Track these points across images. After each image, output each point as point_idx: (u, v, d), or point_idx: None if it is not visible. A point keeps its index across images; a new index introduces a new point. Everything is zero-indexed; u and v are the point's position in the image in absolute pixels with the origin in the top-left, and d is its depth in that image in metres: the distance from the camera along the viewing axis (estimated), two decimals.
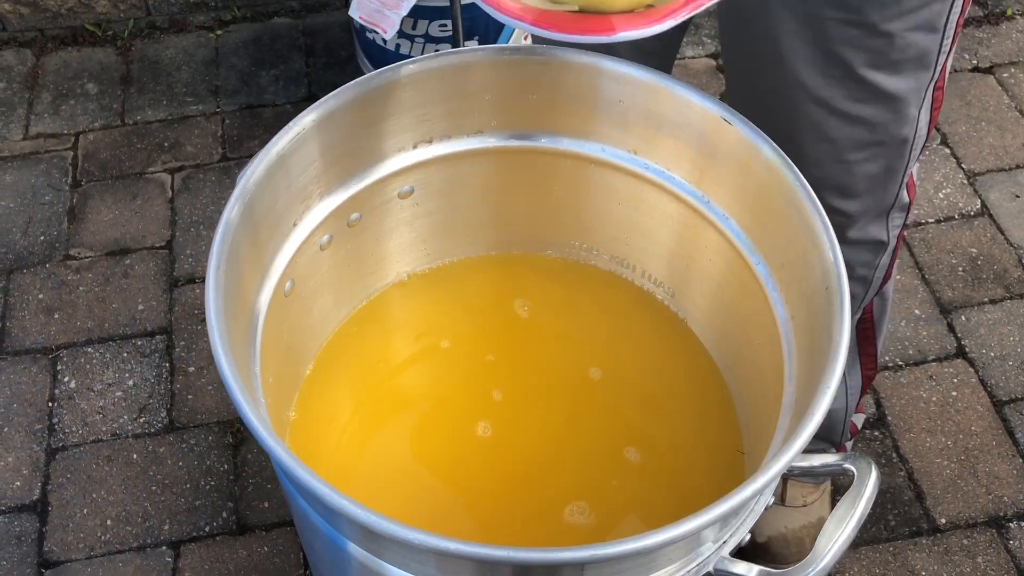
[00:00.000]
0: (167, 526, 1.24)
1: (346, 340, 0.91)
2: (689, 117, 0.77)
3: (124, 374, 1.37)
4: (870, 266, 0.98)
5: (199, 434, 1.32)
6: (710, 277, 0.86)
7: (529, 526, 0.84)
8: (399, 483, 0.83)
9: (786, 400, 0.72)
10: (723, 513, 0.58)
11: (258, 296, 0.75)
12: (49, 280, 1.47)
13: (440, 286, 0.95)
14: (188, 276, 1.47)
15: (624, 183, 0.86)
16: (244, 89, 1.72)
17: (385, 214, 0.87)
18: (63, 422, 1.32)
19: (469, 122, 0.84)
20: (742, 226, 0.80)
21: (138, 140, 1.65)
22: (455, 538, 0.55)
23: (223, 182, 1.59)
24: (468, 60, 0.79)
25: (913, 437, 1.33)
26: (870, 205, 0.92)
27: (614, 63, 0.78)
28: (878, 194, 0.91)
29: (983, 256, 1.51)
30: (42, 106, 1.70)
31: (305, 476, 0.57)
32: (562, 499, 0.84)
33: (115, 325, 1.42)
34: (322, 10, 1.84)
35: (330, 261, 0.85)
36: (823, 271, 0.68)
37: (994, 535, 1.25)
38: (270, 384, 0.76)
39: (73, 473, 1.28)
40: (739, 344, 0.86)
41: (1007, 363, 1.39)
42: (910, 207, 0.97)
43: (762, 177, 0.74)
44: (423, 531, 0.55)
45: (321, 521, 0.66)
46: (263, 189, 0.72)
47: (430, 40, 1.46)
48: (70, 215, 1.55)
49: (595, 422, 0.89)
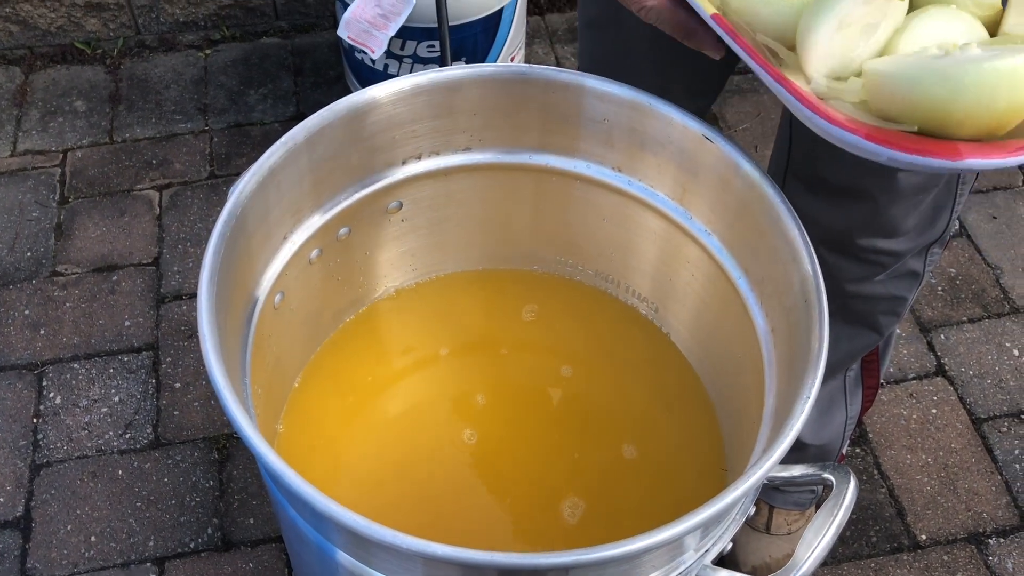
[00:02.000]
0: (152, 542, 1.24)
1: (334, 353, 0.92)
2: (671, 135, 0.79)
3: (110, 390, 1.37)
4: (904, 301, 0.97)
5: (185, 450, 1.32)
6: (693, 292, 0.88)
7: (515, 535, 0.85)
8: (387, 494, 0.84)
9: (767, 411, 0.73)
10: (704, 519, 0.59)
11: (249, 308, 0.76)
12: (36, 296, 1.47)
13: (428, 301, 0.96)
14: (175, 293, 1.48)
15: (608, 199, 0.88)
16: (232, 108, 1.74)
17: (374, 229, 0.88)
18: (48, 438, 1.32)
19: (457, 139, 0.85)
20: (724, 241, 0.81)
21: (126, 157, 1.66)
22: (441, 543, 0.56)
23: (211, 200, 1.60)
24: (456, 78, 0.81)
25: (894, 454, 1.34)
26: (918, 242, 0.91)
27: (597, 82, 0.80)
28: (926, 231, 0.90)
29: (962, 276, 1.54)
30: (30, 123, 1.70)
31: (294, 481, 0.58)
32: (546, 509, 0.85)
33: (101, 341, 1.42)
34: (311, 30, 1.87)
35: (320, 275, 0.86)
36: (802, 284, 0.70)
37: (974, 551, 1.26)
38: (259, 396, 0.77)
39: (57, 489, 1.28)
40: (722, 358, 0.87)
41: (985, 381, 1.41)
42: (949, 241, 0.97)
43: (743, 193, 0.76)
44: (410, 536, 0.56)
45: (309, 529, 0.67)
46: (255, 202, 0.73)
47: (418, 60, 1.48)
48: (57, 231, 1.55)
49: (580, 437, 0.90)
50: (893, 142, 0.53)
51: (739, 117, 1.78)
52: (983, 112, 0.53)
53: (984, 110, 0.53)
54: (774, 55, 0.62)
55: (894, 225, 0.87)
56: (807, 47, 0.60)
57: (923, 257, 0.94)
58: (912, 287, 0.96)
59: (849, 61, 0.61)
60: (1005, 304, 1.50)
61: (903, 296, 0.96)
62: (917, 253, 0.93)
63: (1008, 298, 1.51)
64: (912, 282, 0.95)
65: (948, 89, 0.53)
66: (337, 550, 0.66)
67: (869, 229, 0.88)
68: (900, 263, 0.92)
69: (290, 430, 0.87)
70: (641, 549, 0.58)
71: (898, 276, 0.94)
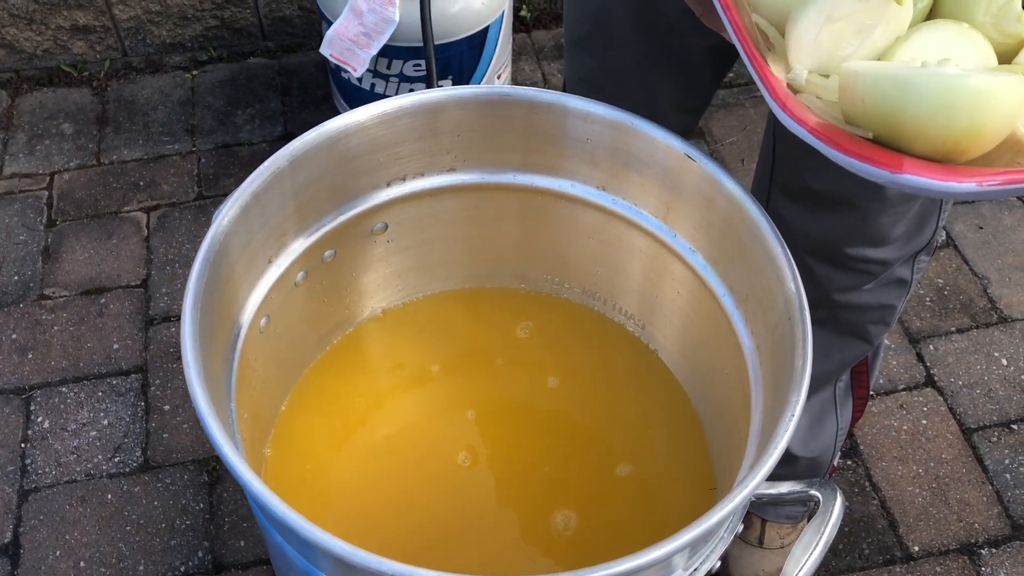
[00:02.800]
0: (142, 567, 1.23)
1: (321, 375, 0.91)
2: (654, 154, 0.80)
3: (99, 413, 1.37)
4: (893, 309, 0.97)
5: (174, 473, 1.31)
6: (679, 309, 0.88)
7: (505, 556, 0.84)
8: (376, 517, 0.84)
9: (753, 428, 0.73)
10: (692, 539, 0.59)
11: (234, 332, 0.76)
12: (23, 320, 1.46)
13: (415, 320, 0.96)
14: (163, 315, 1.48)
15: (593, 218, 0.88)
16: (220, 128, 1.74)
17: (360, 250, 0.88)
18: (36, 463, 1.32)
19: (441, 160, 0.85)
20: (708, 259, 0.81)
21: (114, 179, 1.66)
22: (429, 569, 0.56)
23: (199, 220, 1.60)
24: (440, 99, 0.81)
25: (885, 466, 1.35)
26: (906, 250, 0.91)
27: (580, 102, 0.80)
28: (913, 239, 0.90)
29: (949, 286, 1.54)
30: (17, 146, 1.70)
31: (280, 509, 0.58)
32: (536, 528, 0.84)
33: (90, 364, 1.41)
34: (297, 50, 1.87)
35: (305, 297, 0.86)
36: (786, 301, 0.70)
37: (966, 562, 1.26)
38: (246, 420, 0.77)
39: (46, 515, 1.27)
40: (709, 375, 0.87)
41: (975, 391, 1.42)
42: (936, 248, 0.97)
43: (726, 211, 0.76)
44: (397, 563, 0.56)
45: (296, 556, 0.67)
46: (239, 227, 0.73)
47: (404, 79, 1.49)
48: (44, 255, 1.55)
49: (568, 454, 0.90)
50: (838, 142, 0.51)
51: (725, 131, 1.78)
52: (938, 128, 0.49)
53: (938, 126, 0.49)
54: (765, 38, 0.60)
55: (882, 234, 0.87)
56: (791, 35, 0.58)
57: (911, 265, 0.95)
58: (901, 295, 0.96)
59: (837, 59, 0.58)
60: (993, 314, 1.51)
61: (892, 304, 0.96)
62: (905, 261, 0.93)
63: (996, 308, 1.51)
64: (900, 290, 0.95)
65: (901, 95, 0.50)
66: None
67: (857, 238, 0.88)
68: (888, 271, 0.92)
69: (278, 454, 0.86)
70: (630, 570, 0.58)
71: (886, 284, 0.95)
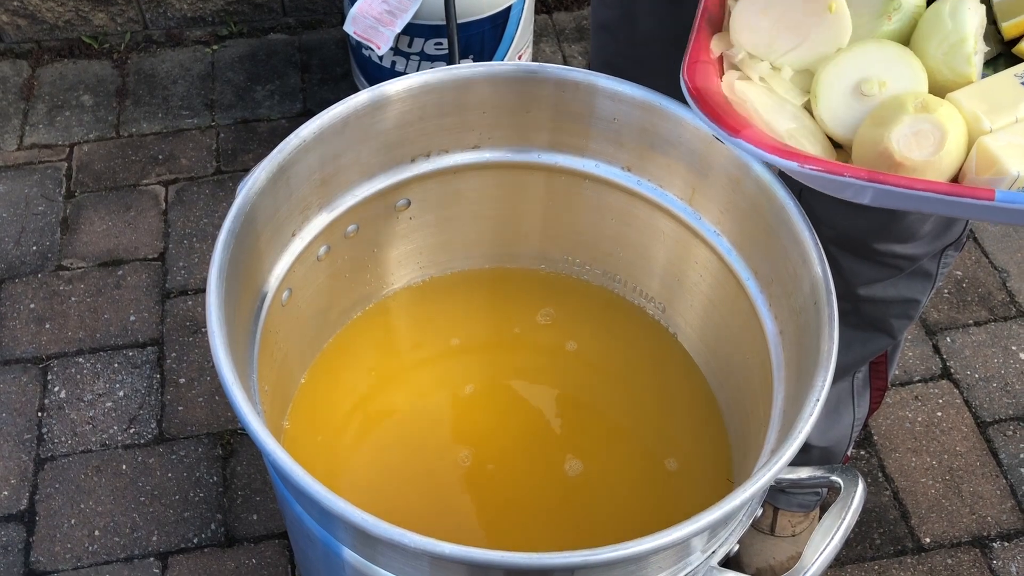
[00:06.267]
0: (155, 537, 1.24)
1: (341, 351, 0.92)
2: (682, 135, 0.79)
3: (115, 385, 1.37)
4: (917, 303, 0.97)
5: (189, 445, 1.32)
6: (701, 293, 0.87)
7: (518, 537, 0.84)
8: (392, 493, 0.84)
9: (775, 413, 0.73)
10: (713, 521, 0.59)
11: (257, 304, 0.76)
12: (41, 290, 1.47)
13: (434, 299, 0.96)
14: (180, 288, 1.48)
15: (617, 199, 0.87)
16: (239, 103, 1.74)
17: (382, 226, 0.88)
18: (52, 432, 1.32)
19: (466, 137, 0.85)
20: (733, 243, 0.81)
21: (133, 152, 1.66)
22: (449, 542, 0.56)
23: (217, 195, 1.60)
24: (467, 75, 0.81)
25: (899, 457, 1.34)
26: (935, 246, 0.91)
27: (609, 81, 0.79)
28: (941, 235, 0.90)
29: (968, 279, 1.53)
30: (37, 117, 1.70)
31: (302, 478, 0.58)
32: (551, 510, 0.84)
33: (106, 336, 1.42)
34: (318, 27, 1.86)
35: (327, 272, 0.86)
36: (812, 286, 0.69)
37: (978, 555, 1.26)
38: (266, 392, 0.77)
39: (61, 483, 1.28)
40: (729, 360, 0.87)
41: (991, 384, 1.41)
42: (964, 245, 0.97)
43: (753, 194, 0.76)
44: (418, 535, 0.56)
45: (316, 527, 0.67)
46: (264, 199, 0.73)
47: (425, 58, 1.48)
48: (63, 226, 1.55)
49: (584, 436, 0.90)
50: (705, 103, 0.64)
51: None
52: None
53: None
54: None
55: (911, 230, 0.87)
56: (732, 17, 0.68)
57: (938, 259, 0.94)
58: (925, 289, 0.95)
59: (776, 51, 0.67)
60: (1012, 307, 1.50)
61: (916, 299, 0.95)
62: (932, 256, 0.93)
63: (1015, 301, 1.50)
64: (925, 284, 0.95)
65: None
66: (343, 548, 0.66)
67: (886, 234, 0.87)
68: (915, 266, 0.92)
69: (296, 427, 0.86)
70: (649, 550, 0.58)
71: (911, 278, 0.94)
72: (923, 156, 0.60)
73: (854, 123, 0.65)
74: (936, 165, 0.60)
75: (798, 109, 0.67)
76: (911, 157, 0.60)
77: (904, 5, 0.66)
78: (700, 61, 0.66)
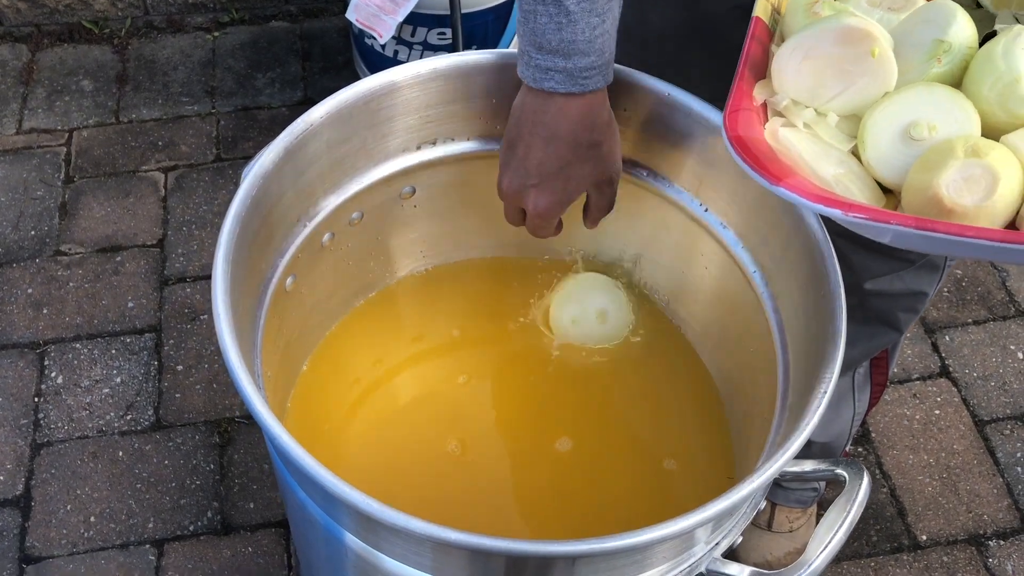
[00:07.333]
0: (151, 524, 1.23)
1: (343, 338, 0.91)
2: (690, 126, 0.79)
3: (112, 371, 1.37)
4: (924, 296, 0.97)
5: (186, 433, 1.31)
6: (706, 285, 0.87)
7: (518, 526, 0.84)
8: (393, 480, 0.84)
9: (779, 406, 0.73)
10: (717, 513, 0.59)
11: (261, 290, 0.76)
12: (39, 275, 1.46)
13: (437, 287, 0.96)
14: (179, 275, 1.47)
15: (623, 190, 0.87)
16: (240, 91, 1.73)
17: (386, 213, 0.88)
18: (49, 417, 1.32)
19: (473, 125, 0.85)
20: (739, 235, 0.81)
21: (132, 138, 1.65)
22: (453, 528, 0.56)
23: (216, 182, 1.59)
24: (473, 63, 0.80)
25: (896, 454, 1.34)
26: None
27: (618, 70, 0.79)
28: None
29: (968, 278, 1.54)
30: (36, 101, 1.69)
31: (309, 463, 0.57)
32: (553, 499, 0.84)
33: (104, 322, 1.41)
34: (320, 15, 1.86)
35: (331, 259, 0.85)
36: (819, 279, 0.69)
37: (973, 553, 1.26)
38: (269, 378, 0.77)
39: (58, 469, 1.27)
40: (733, 353, 0.87)
41: (989, 383, 1.41)
42: None
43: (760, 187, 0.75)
44: (423, 520, 0.56)
45: (318, 511, 0.67)
46: (271, 183, 0.72)
47: (428, 48, 1.48)
48: (62, 211, 1.54)
49: (589, 428, 0.90)
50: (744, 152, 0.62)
51: None
52: None
53: None
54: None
55: None
56: (773, 64, 0.67)
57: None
58: (933, 281, 0.95)
59: (821, 98, 0.65)
60: (1011, 307, 1.50)
61: (924, 291, 0.95)
62: None
63: (1014, 301, 1.51)
64: (932, 276, 0.95)
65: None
66: (346, 533, 0.65)
67: None
68: (925, 258, 0.91)
69: (297, 414, 0.86)
70: (651, 541, 0.58)
71: (919, 270, 0.94)
72: (974, 201, 0.58)
73: (903, 168, 0.62)
74: (988, 211, 0.58)
75: (845, 155, 0.65)
76: (961, 203, 0.58)
77: (954, 47, 0.63)
78: (742, 109, 0.64)
